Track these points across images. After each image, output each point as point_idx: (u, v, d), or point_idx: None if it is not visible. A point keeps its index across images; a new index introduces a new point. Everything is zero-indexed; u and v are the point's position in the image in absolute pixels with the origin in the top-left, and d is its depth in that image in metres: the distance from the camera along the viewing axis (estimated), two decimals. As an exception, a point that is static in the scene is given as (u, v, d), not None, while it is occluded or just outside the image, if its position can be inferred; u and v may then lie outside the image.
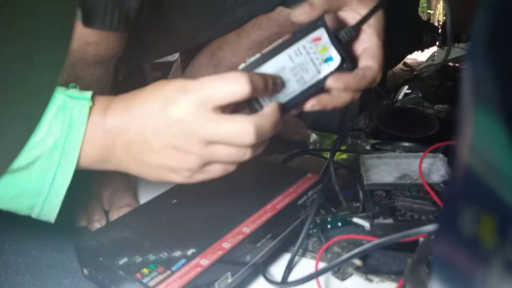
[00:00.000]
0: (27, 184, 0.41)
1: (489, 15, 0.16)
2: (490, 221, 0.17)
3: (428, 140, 0.80)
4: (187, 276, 0.41)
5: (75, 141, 0.41)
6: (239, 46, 0.78)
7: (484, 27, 0.17)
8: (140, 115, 0.41)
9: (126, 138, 0.42)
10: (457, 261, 0.21)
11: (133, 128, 0.42)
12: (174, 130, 0.40)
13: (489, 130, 0.17)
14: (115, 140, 0.43)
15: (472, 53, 0.17)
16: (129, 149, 0.43)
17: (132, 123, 0.42)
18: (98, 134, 0.42)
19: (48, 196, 0.42)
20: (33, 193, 0.41)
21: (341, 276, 0.50)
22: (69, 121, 0.40)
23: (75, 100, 0.41)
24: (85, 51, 0.52)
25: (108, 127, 0.42)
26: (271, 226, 0.50)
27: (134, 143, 0.42)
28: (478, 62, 0.17)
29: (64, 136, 0.40)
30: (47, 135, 0.40)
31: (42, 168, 0.40)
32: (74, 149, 0.41)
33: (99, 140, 0.42)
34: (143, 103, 0.42)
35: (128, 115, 0.42)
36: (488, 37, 0.17)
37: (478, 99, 0.17)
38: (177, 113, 0.40)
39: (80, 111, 0.41)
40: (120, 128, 0.42)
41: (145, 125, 0.41)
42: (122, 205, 0.62)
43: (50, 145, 0.40)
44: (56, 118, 0.40)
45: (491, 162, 0.17)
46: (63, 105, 0.40)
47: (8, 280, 0.51)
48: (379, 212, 0.52)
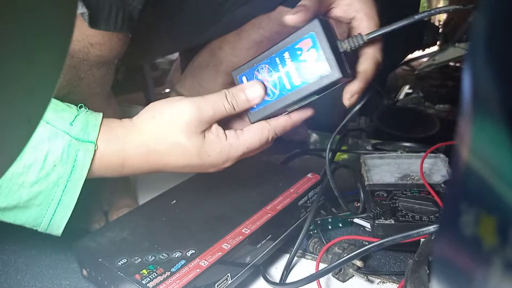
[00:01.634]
0: (26, 219, 0.42)
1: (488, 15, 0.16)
2: (490, 222, 0.17)
3: (429, 140, 0.80)
4: (187, 277, 0.41)
5: (77, 181, 0.42)
6: (239, 46, 0.78)
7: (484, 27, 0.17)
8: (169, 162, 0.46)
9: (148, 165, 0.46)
10: (458, 262, 0.21)
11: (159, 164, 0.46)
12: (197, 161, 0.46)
13: (489, 130, 0.17)
14: (135, 174, 0.47)
15: (472, 53, 0.17)
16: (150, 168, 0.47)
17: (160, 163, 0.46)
18: (111, 170, 0.45)
19: (49, 228, 0.44)
20: (33, 226, 0.43)
21: (342, 278, 0.50)
22: (73, 163, 0.42)
23: (81, 143, 0.42)
24: (88, 52, 0.52)
25: (128, 170, 0.46)
26: (271, 227, 0.50)
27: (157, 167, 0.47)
28: (478, 62, 0.17)
29: (67, 176, 0.42)
30: (51, 172, 0.41)
31: (42, 204, 0.42)
32: (76, 188, 0.43)
33: (112, 173, 0.45)
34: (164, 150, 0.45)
35: (153, 169, 0.46)
36: (488, 37, 0.16)
37: (478, 99, 0.17)
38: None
39: (85, 155, 0.42)
40: (145, 173, 0.47)
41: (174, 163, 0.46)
42: (122, 206, 0.62)
43: (53, 181, 0.41)
44: (60, 159, 0.41)
45: (492, 162, 0.17)
46: (68, 147, 0.41)
47: (8, 280, 0.51)
48: (380, 213, 0.51)
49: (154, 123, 0.45)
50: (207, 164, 0.46)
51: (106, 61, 0.55)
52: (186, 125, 0.44)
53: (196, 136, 0.44)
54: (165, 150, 0.44)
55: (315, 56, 0.43)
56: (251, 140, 0.46)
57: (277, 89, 0.46)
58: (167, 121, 0.45)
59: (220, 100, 0.46)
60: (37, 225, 0.43)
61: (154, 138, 0.45)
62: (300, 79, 0.44)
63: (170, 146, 0.44)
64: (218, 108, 0.45)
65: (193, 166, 0.46)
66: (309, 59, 0.43)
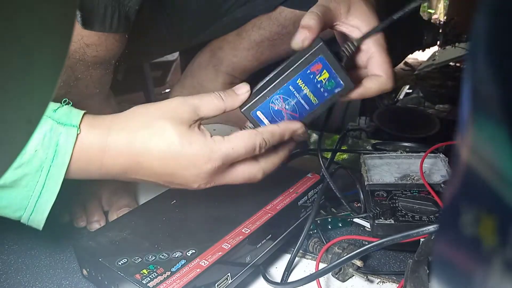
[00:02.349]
0: (13, 199, 0.41)
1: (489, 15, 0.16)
2: (490, 222, 0.17)
3: (429, 140, 0.80)
4: (187, 277, 0.41)
5: (60, 166, 0.41)
6: (239, 46, 0.78)
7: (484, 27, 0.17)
8: (149, 156, 0.44)
9: (129, 177, 0.46)
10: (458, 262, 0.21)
11: (139, 172, 0.45)
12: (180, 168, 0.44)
13: (490, 130, 0.17)
14: (115, 169, 0.45)
15: (472, 53, 0.17)
16: (134, 180, 0.47)
17: (140, 161, 0.44)
18: (94, 156, 0.43)
19: (34, 212, 0.42)
20: (19, 207, 0.42)
21: (342, 277, 0.50)
22: (55, 147, 0.41)
23: (63, 126, 0.41)
24: (84, 52, 0.52)
25: (109, 158, 0.44)
26: (271, 226, 0.50)
27: (141, 181, 0.46)
28: (478, 62, 0.17)
29: (50, 161, 0.41)
30: (33, 157, 0.40)
31: (28, 186, 0.41)
32: (59, 173, 0.42)
33: (94, 161, 0.43)
34: (149, 141, 0.43)
35: (133, 159, 0.44)
36: (488, 37, 0.16)
37: (478, 99, 0.17)
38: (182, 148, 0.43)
39: (67, 138, 0.41)
40: (124, 166, 0.44)
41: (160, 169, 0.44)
42: (122, 206, 0.62)
43: (36, 166, 0.40)
44: (42, 143, 0.40)
45: (492, 162, 0.17)
46: (49, 131, 0.40)
47: (8, 280, 0.51)
48: (380, 213, 0.51)
49: (141, 116, 0.44)
50: (186, 162, 0.43)
51: (102, 61, 0.55)
52: (170, 115, 0.43)
53: (180, 126, 0.43)
54: (148, 136, 0.43)
55: (328, 76, 0.47)
56: (236, 143, 0.44)
57: (297, 113, 0.48)
58: (153, 110, 0.44)
59: (207, 93, 0.46)
60: (23, 208, 0.42)
61: (138, 124, 0.44)
62: (318, 98, 0.48)
63: (153, 131, 0.43)
64: (206, 98, 0.45)
65: (173, 166, 0.44)
66: (323, 80, 0.47)
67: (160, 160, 0.44)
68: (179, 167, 0.44)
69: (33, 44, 0.18)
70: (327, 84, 0.47)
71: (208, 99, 0.45)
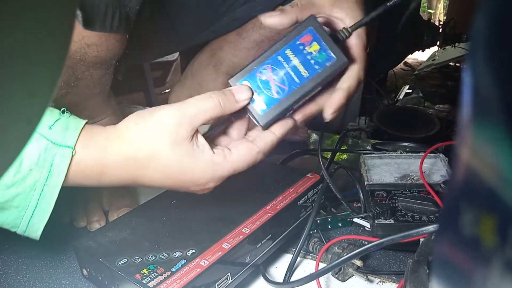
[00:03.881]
0: (6, 219, 0.41)
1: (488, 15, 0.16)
2: (490, 222, 0.17)
3: (429, 140, 0.80)
4: (187, 277, 0.41)
5: (54, 187, 0.41)
6: (239, 46, 0.78)
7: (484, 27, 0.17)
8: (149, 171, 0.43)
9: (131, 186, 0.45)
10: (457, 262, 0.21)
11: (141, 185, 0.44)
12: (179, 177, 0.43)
13: (490, 130, 0.17)
14: (114, 185, 0.45)
15: (472, 53, 0.17)
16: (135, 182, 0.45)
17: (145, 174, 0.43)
18: (90, 174, 0.42)
19: (28, 229, 0.42)
20: (13, 226, 0.42)
21: (342, 277, 0.50)
22: (49, 167, 0.40)
23: (57, 147, 0.40)
24: (85, 52, 0.52)
25: (106, 179, 0.43)
26: (271, 226, 0.50)
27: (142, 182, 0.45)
28: (478, 62, 0.17)
29: (43, 181, 0.40)
30: (27, 176, 0.39)
31: (20, 206, 0.40)
32: (53, 193, 0.41)
33: (91, 179, 0.43)
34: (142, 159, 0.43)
35: (131, 180, 0.44)
36: (488, 37, 0.16)
37: (478, 99, 0.17)
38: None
39: (62, 160, 0.40)
40: (124, 182, 0.44)
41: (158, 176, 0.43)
42: (122, 206, 0.62)
43: (29, 185, 0.40)
44: (37, 163, 0.39)
45: (492, 162, 0.17)
46: (44, 151, 0.40)
47: (8, 280, 0.51)
48: (380, 213, 0.51)
49: (137, 130, 0.43)
50: (188, 181, 0.43)
51: (103, 62, 0.55)
52: (169, 131, 0.42)
53: (179, 146, 0.42)
54: (146, 158, 0.42)
55: (318, 48, 0.45)
56: (238, 162, 0.44)
57: (286, 85, 0.46)
58: (150, 128, 0.42)
59: (205, 99, 0.44)
60: (16, 226, 0.42)
61: (135, 145, 0.42)
62: (308, 71, 0.45)
63: (151, 154, 0.42)
64: (203, 106, 0.43)
65: (174, 180, 0.43)
66: (313, 52, 0.45)
67: (160, 183, 0.44)
68: (180, 185, 0.44)
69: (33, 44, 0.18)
70: (318, 56, 0.45)
71: (205, 106, 0.43)
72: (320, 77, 0.45)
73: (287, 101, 0.46)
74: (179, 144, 0.42)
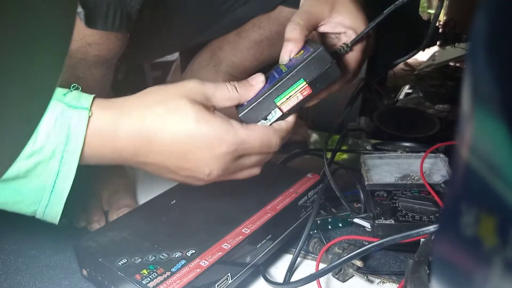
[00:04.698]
0: (27, 191, 0.40)
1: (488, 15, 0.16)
2: (490, 222, 0.17)
3: (429, 140, 0.80)
4: (187, 277, 0.41)
5: (74, 151, 0.40)
6: (239, 46, 0.78)
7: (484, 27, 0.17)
8: (161, 140, 0.42)
9: (140, 160, 0.44)
10: (458, 262, 0.21)
11: (151, 153, 0.43)
12: (197, 152, 0.42)
13: (490, 130, 0.16)
14: (128, 151, 0.43)
15: (472, 53, 0.17)
16: (144, 166, 0.45)
17: (151, 147, 0.42)
18: (106, 138, 0.42)
19: (49, 203, 0.41)
20: (34, 201, 0.41)
21: (342, 278, 0.50)
22: (67, 131, 0.40)
23: (73, 109, 0.40)
24: (86, 51, 0.52)
25: (121, 138, 0.42)
26: (271, 226, 0.50)
27: (151, 165, 0.44)
28: (478, 62, 0.17)
29: (63, 146, 0.40)
30: (45, 144, 0.39)
31: (42, 175, 0.40)
32: (73, 158, 0.40)
33: (107, 143, 0.42)
34: (162, 124, 0.42)
35: (145, 137, 0.42)
36: (488, 37, 0.16)
37: (479, 99, 0.17)
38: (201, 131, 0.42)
39: (79, 121, 0.40)
40: (135, 149, 0.43)
41: (167, 152, 0.43)
42: (122, 206, 0.62)
43: (49, 153, 0.39)
44: (54, 128, 0.39)
45: (492, 162, 0.17)
46: (61, 115, 0.39)
47: (8, 280, 0.51)
48: (380, 213, 0.51)
49: (154, 89, 0.44)
50: (202, 140, 0.42)
51: (104, 61, 0.55)
52: (188, 90, 0.42)
53: (197, 105, 0.42)
54: (162, 112, 0.42)
55: (302, 52, 0.48)
56: (254, 133, 0.43)
57: (268, 83, 0.47)
58: (168, 88, 0.43)
59: (222, 83, 0.45)
60: (38, 201, 0.41)
61: (151, 101, 0.42)
62: (287, 67, 0.47)
63: (168, 107, 0.42)
64: (221, 87, 0.44)
65: (188, 136, 0.42)
66: (298, 56, 0.48)
67: (173, 138, 0.42)
68: (192, 146, 0.42)
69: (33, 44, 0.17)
70: (299, 56, 0.47)
71: (223, 88, 0.44)
72: (297, 66, 0.45)
73: (265, 93, 0.46)
74: (197, 107, 0.42)
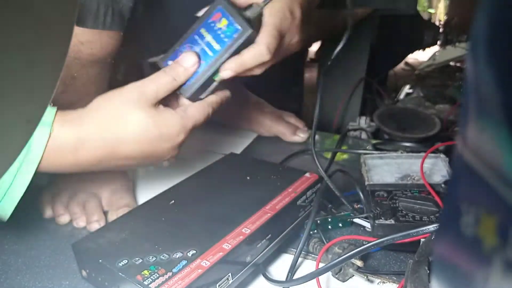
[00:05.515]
0: None
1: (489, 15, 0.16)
2: (490, 222, 0.17)
3: (429, 140, 0.80)
4: (188, 278, 0.41)
5: (32, 162, 0.42)
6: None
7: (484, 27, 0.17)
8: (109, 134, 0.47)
9: (103, 165, 0.49)
10: (458, 262, 0.21)
11: (114, 159, 0.48)
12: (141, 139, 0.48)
13: (490, 130, 0.16)
14: (89, 161, 0.48)
15: (472, 53, 0.17)
16: (105, 168, 0.51)
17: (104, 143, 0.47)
18: (67, 152, 0.45)
19: (0, 204, 0.44)
20: None
21: (342, 277, 0.50)
22: (28, 146, 0.42)
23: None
24: (79, 50, 0.52)
25: (83, 152, 0.46)
26: (271, 226, 0.50)
27: (115, 166, 0.51)
28: (478, 62, 0.17)
29: (22, 156, 0.42)
30: None
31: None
32: (30, 168, 0.43)
33: (68, 157, 0.46)
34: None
35: (109, 147, 0.47)
36: (488, 37, 0.16)
37: (479, 99, 0.17)
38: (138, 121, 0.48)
39: (40, 137, 0.42)
40: (99, 157, 0.48)
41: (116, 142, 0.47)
42: (121, 206, 0.62)
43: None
44: None
45: (492, 162, 0.17)
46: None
47: (8, 280, 0.51)
48: (381, 213, 0.51)
49: (104, 102, 0.48)
50: (164, 135, 0.48)
51: (98, 59, 0.55)
52: (136, 101, 0.47)
53: (148, 108, 0.48)
54: (120, 124, 0.47)
55: (226, 23, 0.52)
56: (197, 115, 0.51)
57: (202, 59, 0.53)
58: (117, 97, 0.48)
59: (159, 76, 0.50)
60: None
61: (110, 115, 0.47)
62: (219, 44, 0.53)
63: (124, 118, 0.47)
64: (160, 83, 0.50)
65: (150, 139, 0.48)
66: (222, 27, 0.53)
67: (135, 144, 0.48)
68: (154, 145, 0.49)
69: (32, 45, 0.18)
70: (227, 30, 0.52)
71: (161, 81, 0.50)
72: (231, 48, 0.52)
73: (205, 74, 0.53)
74: (148, 108, 0.48)
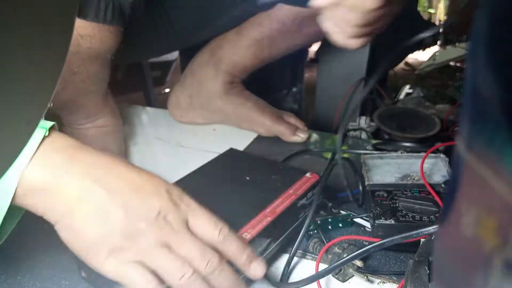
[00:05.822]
0: None
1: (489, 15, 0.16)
2: (490, 222, 0.17)
3: (429, 140, 0.80)
4: (187, 278, 0.41)
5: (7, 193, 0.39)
6: (239, 44, 0.78)
7: (484, 27, 0.17)
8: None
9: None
10: (458, 262, 0.21)
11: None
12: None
13: (490, 130, 0.16)
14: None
15: (472, 54, 0.17)
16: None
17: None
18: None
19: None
20: None
21: (342, 277, 0.50)
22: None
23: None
24: (78, 44, 0.52)
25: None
26: (271, 230, 0.50)
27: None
28: (478, 62, 0.17)
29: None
30: None
31: None
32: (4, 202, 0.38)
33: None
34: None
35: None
36: (489, 37, 0.16)
37: (479, 99, 0.17)
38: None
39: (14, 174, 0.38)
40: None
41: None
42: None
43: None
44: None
45: (492, 162, 0.17)
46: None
47: (8, 280, 0.51)
48: (381, 213, 0.51)
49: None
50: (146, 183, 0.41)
51: (98, 54, 0.55)
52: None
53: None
54: (109, 162, 0.39)
55: None
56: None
57: None
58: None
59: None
60: None
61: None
62: None
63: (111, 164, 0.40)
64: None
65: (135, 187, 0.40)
66: None
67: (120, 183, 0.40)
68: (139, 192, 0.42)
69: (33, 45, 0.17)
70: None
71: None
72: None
73: None
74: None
